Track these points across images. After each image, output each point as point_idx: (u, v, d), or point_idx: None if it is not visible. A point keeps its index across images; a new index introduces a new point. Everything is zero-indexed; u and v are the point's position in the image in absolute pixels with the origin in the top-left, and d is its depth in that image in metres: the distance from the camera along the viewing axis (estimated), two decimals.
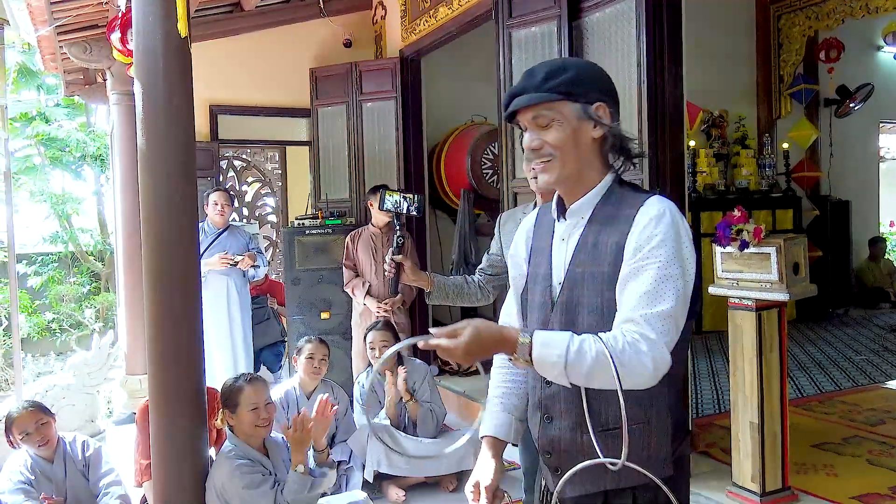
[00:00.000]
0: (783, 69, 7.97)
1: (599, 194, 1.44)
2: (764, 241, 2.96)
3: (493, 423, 1.62)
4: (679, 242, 1.34)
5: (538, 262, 1.54)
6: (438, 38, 5.33)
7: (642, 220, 1.35)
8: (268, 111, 6.36)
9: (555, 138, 1.41)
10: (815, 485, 3.28)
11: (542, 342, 1.28)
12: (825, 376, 5.36)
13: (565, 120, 1.41)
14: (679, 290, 1.31)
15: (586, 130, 1.42)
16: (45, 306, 9.20)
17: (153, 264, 2.69)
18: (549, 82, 1.40)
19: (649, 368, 1.27)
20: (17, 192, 9.49)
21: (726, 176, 7.69)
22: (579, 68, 1.44)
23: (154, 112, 2.63)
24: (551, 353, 1.27)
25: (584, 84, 1.41)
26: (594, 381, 1.29)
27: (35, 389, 4.82)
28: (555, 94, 1.39)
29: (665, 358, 1.28)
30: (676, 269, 1.32)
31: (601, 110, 1.42)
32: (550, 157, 1.43)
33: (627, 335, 1.28)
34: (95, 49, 5.10)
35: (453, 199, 6.31)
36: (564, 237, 1.48)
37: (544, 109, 1.41)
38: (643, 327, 1.28)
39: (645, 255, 1.33)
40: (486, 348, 1.30)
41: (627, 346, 1.26)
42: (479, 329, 1.29)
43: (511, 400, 1.64)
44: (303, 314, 5.23)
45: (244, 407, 2.82)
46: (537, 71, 1.43)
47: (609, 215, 1.41)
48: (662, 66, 3.37)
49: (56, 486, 3.15)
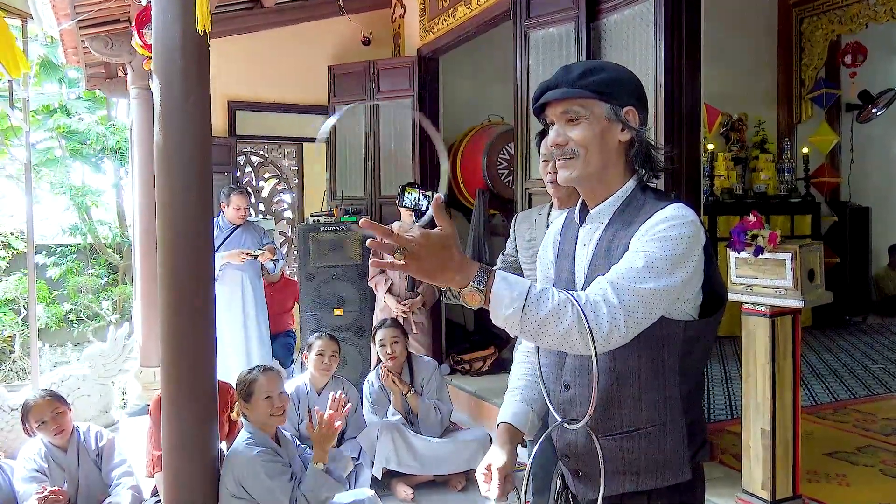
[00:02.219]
0: (805, 73, 7.89)
1: (620, 199, 1.43)
2: (779, 247, 2.93)
3: (511, 412, 1.60)
4: (685, 248, 1.30)
5: (562, 266, 1.53)
6: (456, 38, 5.34)
7: (654, 220, 1.34)
8: (285, 108, 6.40)
9: (581, 136, 1.41)
10: (826, 494, 3.25)
11: (504, 277, 1.22)
12: (840, 384, 5.30)
13: (595, 118, 1.40)
14: (660, 285, 1.27)
15: (614, 132, 1.41)
16: (63, 297, 9.29)
17: (168, 258, 2.72)
18: (585, 79, 1.40)
19: (604, 329, 1.22)
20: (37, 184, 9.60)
21: (744, 180, 7.62)
22: (616, 71, 1.44)
23: (171, 108, 2.65)
24: (513, 289, 1.20)
25: (618, 86, 1.41)
26: (546, 332, 1.21)
27: (51, 379, 4.87)
28: (588, 91, 1.39)
29: (620, 326, 1.23)
30: (666, 265, 1.29)
31: (631, 115, 1.41)
32: (573, 155, 1.42)
33: (591, 295, 1.26)
34: (117, 44, 5.15)
35: (468, 198, 6.31)
36: (586, 242, 1.47)
37: (576, 105, 1.41)
38: (608, 292, 1.25)
39: (646, 241, 1.31)
40: (441, 258, 1.17)
41: (589, 303, 1.23)
42: (445, 234, 1.18)
43: (531, 393, 1.62)
44: (316, 311, 5.25)
45: (259, 395, 2.88)
46: (575, 67, 1.43)
47: (626, 221, 1.40)
48: (680, 69, 3.35)
49: (69, 475, 3.19)
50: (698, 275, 1.35)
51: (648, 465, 1.41)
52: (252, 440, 2.85)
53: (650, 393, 1.39)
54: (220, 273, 4.93)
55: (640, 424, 1.40)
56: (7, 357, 8.42)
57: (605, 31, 3.65)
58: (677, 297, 1.32)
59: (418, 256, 1.16)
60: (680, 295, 1.33)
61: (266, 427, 2.92)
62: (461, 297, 1.21)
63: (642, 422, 1.40)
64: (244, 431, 2.93)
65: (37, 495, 2.96)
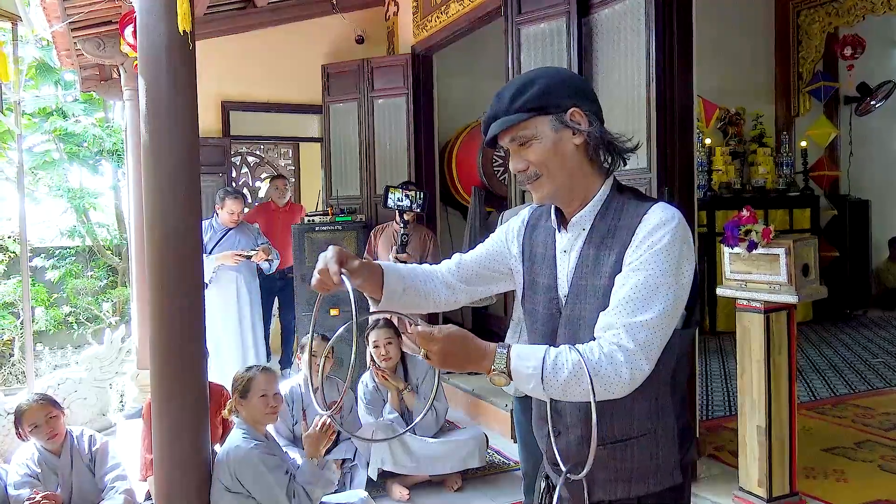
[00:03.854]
0: (802, 66, 7.86)
1: (599, 203, 1.41)
2: (773, 242, 2.91)
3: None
4: (678, 252, 1.31)
5: (537, 270, 1.51)
6: (450, 35, 5.31)
7: (644, 228, 1.33)
8: (280, 107, 6.38)
9: (537, 157, 1.39)
10: (824, 490, 3.23)
11: (517, 354, 1.27)
12: (839, 379, 5.28)
13: (543, 135, 1.38)
14: (668, 300, 1.28)
15: (566, 140, 1.39)
16: (62, 300, 9.30)
17: (156, 260, 2.71)
18: (517, 101, 1.37)
19: (625, 380, 1.25)
20: (36, 187, 9.61)
21: (742, 174, 7.59)
22: (546, 78, 1.40)
23: (156, 108, 2.63)
24: (527, 366, 1.26)
25: (553, 94, 1.38)
26: (570, 394, 1.27)
27: (48, 383, 4.86)
28: (525, 112, 1.37)
29: (642, 368, 1.26)
30: (669, 279, 1.29)
31: (576, 116, 1.38)
32: (538, 175, 1.40)
33: (605, 346, 1.27)
34: (108, 45, 5.13)
35: (464, 196, 6.28)
36: (567, 249, 1.45)
37: (520, 130, 1.39)
38: (622, 337, 1.26)
39: (642, 260, 1.30)
40: (463, 354, 1.28)
41: (604, 358, 1.25)
42: (461, 332, 1.29)
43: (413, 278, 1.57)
44: (311, 311, 5.22)
45: (255, 393, 2.91)
46: (505, 91, 1.41)
47: (610, 227, 1.38)
48: (672, 64, 3.32)
49: (62, 480, 3.17)
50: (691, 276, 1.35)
51: (640, 471, 1.41)
52: (248, 435, 2.87)
53: (643, 402, 1.38)
54: (215, 275, 4.92)
55: (633, 433, 1.40)
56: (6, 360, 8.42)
57: (596, 27, 3.62)
58: (683, 301, 1.33)
59: (444, 355, 1.27)
60: (685, 298, 1.33)
61: (258, 425, 2.94)
62: (491, 381, 1.29)
63: (635, 430, 1.39)
64: (237, 428, 2.94)
65: (28, 500, 2.95)
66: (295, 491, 2.80)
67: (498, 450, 4.17)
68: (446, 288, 1.59)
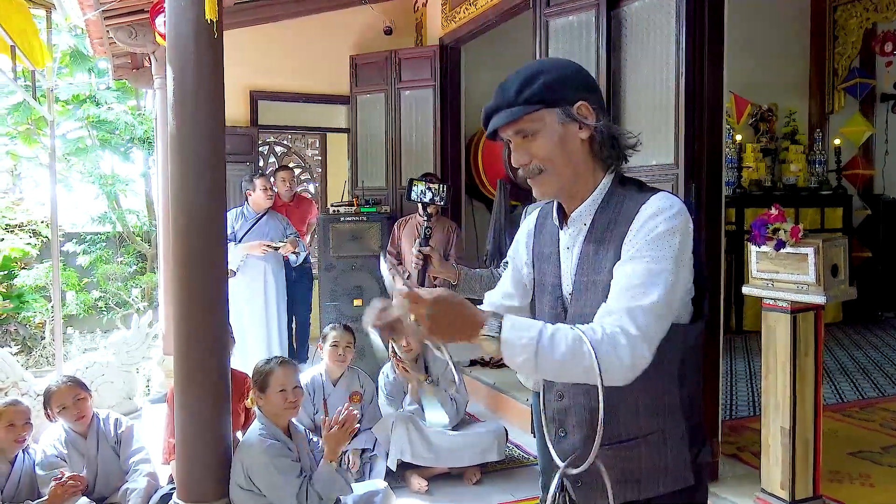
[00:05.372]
0: (838, 62, 7.69)
1: (599, 198, 1.38)
2: (801, 241, 2.85)
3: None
4: (678, 239, 1.27)
5: (545, 269, 1.49)
6: (478, 27, 5.29)
7: (641, 217, 1.30)
8: (307, 98, 6.41)
9: (542, 150, 1.35)
10: (848, 494, 3.18)
11: (512, 324, 1.20)
12: (868, 382, 5.18)
13: (548, 128, 1.34)
14: (668, 285, 1.25)
15: (572, 134, 1.35)
16: (92, 284, 9.45)
17: (180, 247, 2.74)
18: (524, 93, 1.33)
19: (627, 364, 1.20)
20: (69, 173, 9.76)
21: (773, 172, 7.47)
22: (554, 70, 1.37)
23: (183, 96, 2.65)
24: (521, 336, 1.18)
25: (560, 86, 1.34)
26: (564, 372, 1.22)
27: (76, 366, 4.94)
28: (531, 105, 1.33)
29: (644, 354, 1.21)
30: (666, 265, 1.26)
31: (583, 109, 1.35)
32: (542, 170, 1.37)
33: (607, 327, 1.22)
34: (140, 34, 5.18)
35: (490, 189, 6.27)
36: (569, 246, 1.43)
37: (525, 123, 1.35)
38: (624, 320, 1.22)
39: (639, 248, 1.27)
40: (454, 317, 1.19)
41: (606, 338, 1.20)
42: (453, 295, 1.20)
43: None
44: (336, 301, 5.26)
45: (273, 388, 2.87)
46: (509, 84, 1.36)
47: (610, 220, 1.35)
48: (703, 58, 3.27)
49: (88, 461, 3.24)
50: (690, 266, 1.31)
51: (650, 472, 1.38)
52: (264, 431, 2.84)
53: (649, 401, 1.35)
54: (243, 263, 4.96)
55: (640, 432, 1.37)
56: (38, 343, 8.59)
57: (625, 20, 3.57)
58: (682, 291, 1.29)
59: (433, 320, 1.16)
60: (684, 288, 1.30)
61: (278, 419, 2.90)
62: (480, 347, 1.21)
63: (642, 430, 1.37)
64: (257, 422, 2.93)
65: (55, 481, 3.01)
66: (308, 494, 2.75)
67: (518, 444, 4.17)
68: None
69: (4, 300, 8.34)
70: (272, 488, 2.73)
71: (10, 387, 4.16)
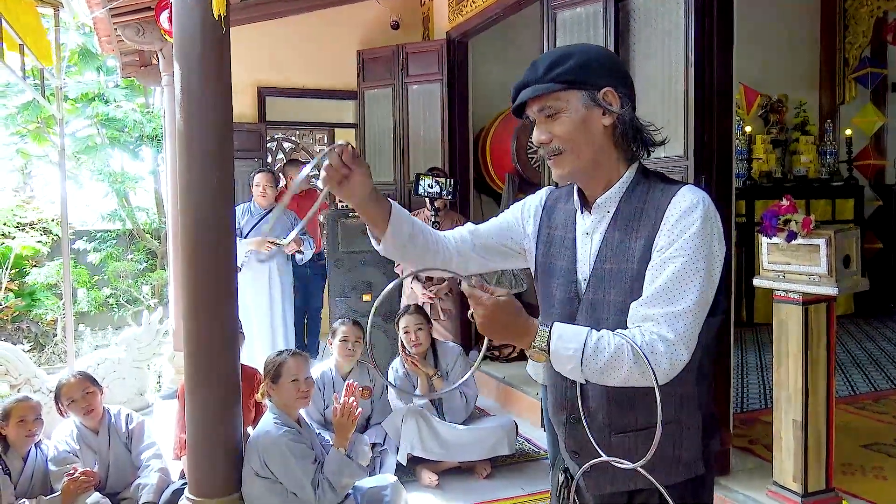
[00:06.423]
0: (848, 52, 7.62)
1: (624, 187, 1.39)
2: (813, 233, 2.82)
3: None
4: (709, 237, 1.30)
5: (556, 252, 1.49)
6: (485, 20, 5.26)
7: (674, 212, 1.31)
8: (315, 93, 6.40)
9: (563, 130, 1.37)
10: (862, 487, 3.15)
11: (559, 335, 1.26)
12: (881, 374, 5.14)
13: (572, 110, 1.35)
14: (703, 286, 1.28)
15: (595, 119, 1.36)
16: (103, 282, 9.50)
17: (189, 244, 2.74)
18: (553, 72, 1.35)
19: (664, 369, 1.25)
20: (78, 171, 9.81)
21: (784, 163, 7.42)
22: (584, 54, 1.38)
23: (190, 92, 2.65)
24: (568, 347, 1.25)
25: (589, 70, 1.35)
26: (609, 378, 1.26)
27: (87, 362, 4.97)
28: (558, 83, 1.34)
29: (682, 358, 1.26)
30: (702, 264, 1.28)
31: (609, 96, 1.36)
32: (561, 151, 1.38)
33: (646, 334, 1.26)
34: (148, 31, 5.19)
35: (498, 182, 6.25)
36: (589, 231, 1.43)
37: (550, 100, 1.36)
38: (661, 327, 1.26)
39: (676, 247, 1.29)
40: (507, 324, 1.27)
41: (645, 346, 1.24)
42: (510, 302, 1.27)
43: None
44: (345, 296, 5.26)
45: (286, 378, 2.93)
46: (540, 62, 1.38)
47: (636, 210, 1.36)
48: (712, 49, 3.24)
49: (100, 457, 3.26)
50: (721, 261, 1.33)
51: (663, 461, 1.38)
52: (279, 420, 2.89)
53: (667, 391, 1.34)
54: (247, 258, 4.96)
55: (656, 422, 1.36)
56: (50, 340, 8.65)
57: (633, 11, 3.54)
58: (715, 287, 1.32)
59: (488, 321, 1.25)
60: (716, 284, 1.32)
61: (290, 410, 2.96)
62: (529, 356, 1.30)
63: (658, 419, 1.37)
64: (269, 412, 2.96)
65: (67, 476, 3.03)
66: (320, 482, 2.80)
67: (528, 438, 4.16)
68: (458, 254, 1.57)
69: (16, 298, 8.40)
70: (288, 472, 2.77)
71: (23, 383, 4.19)
